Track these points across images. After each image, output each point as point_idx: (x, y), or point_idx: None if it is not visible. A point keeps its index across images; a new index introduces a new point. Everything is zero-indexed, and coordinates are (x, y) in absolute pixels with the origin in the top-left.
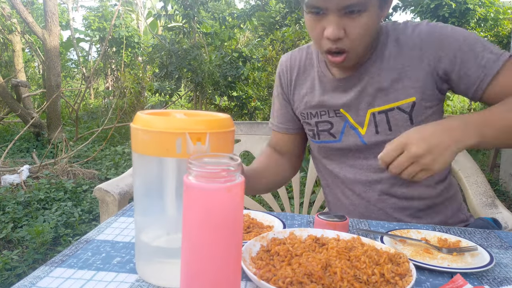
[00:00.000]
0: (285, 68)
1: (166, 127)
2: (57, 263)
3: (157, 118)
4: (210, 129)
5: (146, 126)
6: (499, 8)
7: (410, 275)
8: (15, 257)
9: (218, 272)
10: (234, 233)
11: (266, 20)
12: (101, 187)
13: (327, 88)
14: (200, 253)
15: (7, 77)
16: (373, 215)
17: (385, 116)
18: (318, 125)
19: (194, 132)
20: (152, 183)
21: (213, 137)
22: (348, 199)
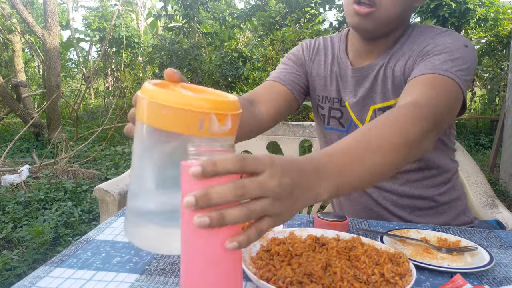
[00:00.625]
0: (311, 46)
1: (192, 105)
2: (57, 263)
3: (181, 95)
4: (231, 110)
5: (169, 102)
6: (499, 8)
7: (410, 275)
8: (15, 257)
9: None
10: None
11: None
12: (101, 187)
13: (343, 77)
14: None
15: (7, 77)
16: (375, 209)
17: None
18: (331, 111)
19: (218, 113)
20: (161, 156)
21: (233, 119)
22: (350, 194)
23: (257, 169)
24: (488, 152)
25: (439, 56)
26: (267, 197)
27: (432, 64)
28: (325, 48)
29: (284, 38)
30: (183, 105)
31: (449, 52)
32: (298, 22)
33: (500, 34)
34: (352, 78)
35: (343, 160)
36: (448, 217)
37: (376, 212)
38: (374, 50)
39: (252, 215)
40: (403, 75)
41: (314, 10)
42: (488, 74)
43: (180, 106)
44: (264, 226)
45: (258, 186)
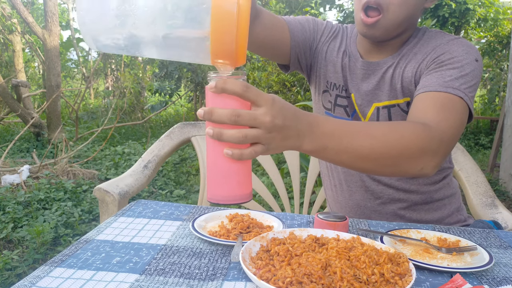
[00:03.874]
0: (332, 29)
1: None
2: (57, 263)
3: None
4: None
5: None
6: (499, 8)
7: (409, 274)
8: (15, 257)
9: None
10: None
11: None
12: (101, 187)
13: (352, 69)
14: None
15: (7, 77)
16: (368, 204)
17: (388, 112)
18: (337, 99)
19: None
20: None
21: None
22: (344, 190)
23: (257, 102)
24: (488, 152)
25: (452, 72)
26: (259, 128)
27: (443, 80)
28: (342, 36)
29: None
30: (240, 41)
31: (460, 67)
32: None
33: (500, 34)
34: (361, 70)
35: (339, 128)
36: (442, 213)
37: (370, 208)
38: (383, 50)
39: (246, 139)
40: (413, 77)
41: (314, 10)
42: (488, 74)
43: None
44: (257, 149)
45: (251, 117)
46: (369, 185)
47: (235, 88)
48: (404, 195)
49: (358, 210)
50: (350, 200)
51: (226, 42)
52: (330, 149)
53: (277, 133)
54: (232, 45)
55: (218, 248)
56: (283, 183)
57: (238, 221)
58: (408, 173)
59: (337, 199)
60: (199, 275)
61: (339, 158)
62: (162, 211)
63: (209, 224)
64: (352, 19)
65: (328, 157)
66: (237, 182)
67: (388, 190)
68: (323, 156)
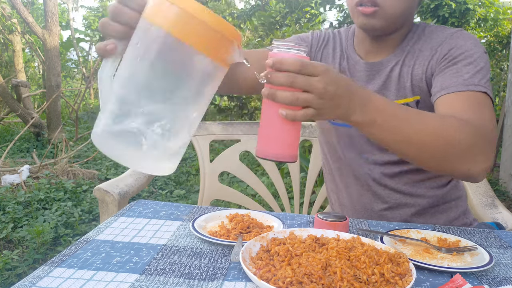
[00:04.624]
0: (320, 37)
1: (224, 29)
2: (57, 263)
3: (217, 18)
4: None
5: (209, 22)
6: (499, 8)
7: (410, 275)
8: (15, 257)
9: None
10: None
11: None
12: (101, 187)
13: (352, 72)
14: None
15: (7, 77)
16: (376, 208)
17: None
18: None
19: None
20: (172, 67)
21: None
22: (351, 193)
23: (313, 73)
24: None
25: (468, 68)
26: (312, 93)
27: (462, 78)
28: (334, 41)
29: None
30: (219, 27)
31: (474, 62)
32: (298, 22)
33: (500, 34)
34: (364, 72)
35: (392, 107)
36: (448, 217)
37: (377, 212)
38: (383, 47)
39: (297, 101)
40: (424, 74)
41: (314, 10)
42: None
43: (217, 28)
44: (309, 113)
45: (306, 82)
46: (376, 189)
47: (290, 67)
48: (411, 200)
49: (365, 214)
50: (357, 204)
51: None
52: (378, 125)
53: (328, 100)
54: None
55: (218, 248)
56: (283, 183)
57: (238, 221)
58: (454, 171)
59: (341, 202)
60: (199, 275)
61: (386, 136)
62: (162, 211)
63: (209, 224)
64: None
65: (375, 133)
66: (288, 142)
67: (395, 195)
68: (370, 131)
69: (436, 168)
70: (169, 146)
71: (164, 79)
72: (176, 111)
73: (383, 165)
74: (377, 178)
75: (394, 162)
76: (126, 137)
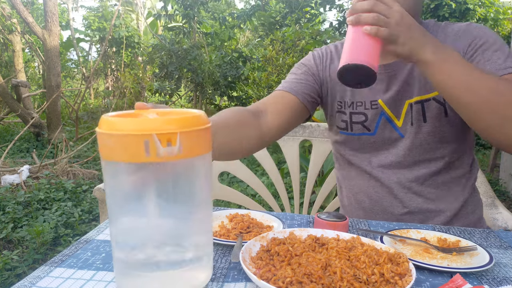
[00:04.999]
0: (322, 54)
1: (132, 129)
2: (57, 263)
3: (122, 119)
4: (181, 128)
5: (110, 130)
6: (499, 8)
7: (409, 274)
8: (15, 257)
9: None
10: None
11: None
12: (101, 187)
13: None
14: None
15: (7, 77)
16: (396, 212)
17: (421, 106)
18: (352, 116)
19: (163, 133)
20: (123, 191)
21: (184, 137)
22: (370, 197)
23: (391, 5)
24: (488, 152)
25: (497, 54)
26: (391, 18)
27: (497, 64)
28: (338, 54)
29: (284, 38)
30: (124, 130)
31: (500, 48)
32: (298, 22)
33: (500, 34)
34: (384, 74)
35: (458, 56)
36: (465, 222)
37: (396, 216)
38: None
39: (378, 22)
40: None
41: (314, 10)
42: None
43: (120, 132)
44: (385, 32)
45: (385, 8)
46: (397, 192)
47: (363, 7)
48: (433, 205)
49: (383, 216)
50: (375, 206)
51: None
52: (448, 64)
53: (405, 28)
54: None
55: (218, 248)
56: (283, 183)
57: (238, 221)
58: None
59: (361, 205)
60: None
61: (452, 77)
62: None
63: None
64: None
65: (444, 72)
66: (372, 54)
67: (417, 199)
68: (438, 69)
69: (493, 124)
70: (190, 257)
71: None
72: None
73: (406, 168)
74: (402, 181)
75: (419, 164)
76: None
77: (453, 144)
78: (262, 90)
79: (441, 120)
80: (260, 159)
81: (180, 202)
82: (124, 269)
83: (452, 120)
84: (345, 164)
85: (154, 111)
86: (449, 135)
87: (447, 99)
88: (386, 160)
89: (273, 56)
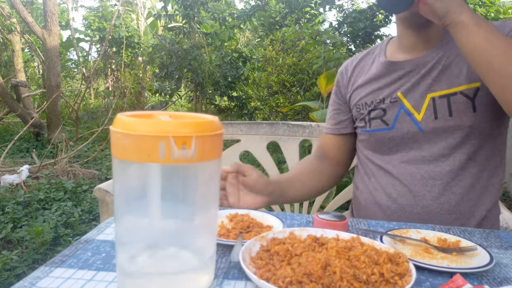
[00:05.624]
0: (344, 70)
1: (149, 130)
2: (57, 264)
3: (139, 120)
4: (196, 132)
5: (126, 129)
6: (499, 8)
7: (409, 274)
8: (14, 257)
9: None
10: None
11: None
12: (101, 187)
13: (389, 73)
14: None
15: (6, 77)
16: (415, 210)
17: (447, 100)
18: (371, 113)
19: (179, 136)
20: (134, 191)
21: (199, 141)
22: (391, 199)
23: None
24: None
25: None
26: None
27: None
28: (362, 59)
29: (284, 38)
30: (140, 131)
31: None
32: (298, 22)
33: None
34: (407, 68)
35: (488, 22)
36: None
37: (416, 214)
38: (428, 40)
39: None
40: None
41: (314, 10)
42: None
43: (136, 133)
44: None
45: None
46: (418, 189)
47: None
48: (464, 207)
49: (402, 215)
50: (393, 204)
51: None
52: (483, 28)
53: None
54: None
55: (218, 247)
56: None
57: (238, 220)
58: None
59: (378, 203)
60: None
61: (488, 40)
62: None
63: None
64: (352, 19)
65: (480, 35)
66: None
67: (440, 198)
68: (474, 32)
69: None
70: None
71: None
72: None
73: (430, 165)
74: (424, 177)
75: (442, 160)
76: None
77: (480, 142)
78: (262, 90)
79: (469, 114)
80: (260, 159)
81: (188, 205)
82: (127, 270)
83: (481, 116)
84: (367, 165)
85: (167, 114)
86: (477, 131)
87: (477, 65)
88: (409, 156)
89: (273, 56)
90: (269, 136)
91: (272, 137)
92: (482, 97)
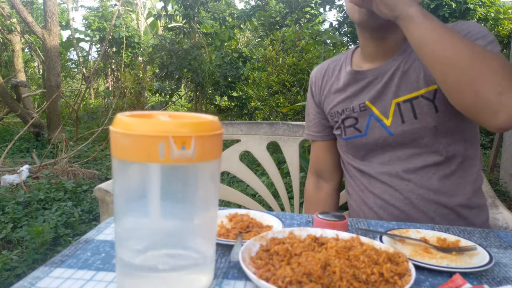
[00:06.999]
0: (315, 78)
1: (148, 130)
2: (57, 264)
3: (138, 120)
4: (196, 132)
5: (126, 129)
6: (499, 8)
7: (409, 274)
8: (14, 257)
9: None
10: None
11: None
12: (101, 187)
13: (355, 82)
14: None
15: (6, 77)
16: (413, 213)
17: (410, 104)
18: (344, 122)
19: (178, 136)
20: (134, 191)
21: (199, 141)
22: (377, 198)
23: None
24: (488, 152)
25: (478, 42)
26: None
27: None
28: (331, 67)
29: (284, 38)
30: (139, 131)
31: (483, 37)
32: (298, 22)
33: (500, 34)
34: (370, 78)
35: (433, 16)
36: (470, 225)
37: (399, 209)
38: (387, 49)
39: None
40: None
41: (314, 11)
42: None
43: (136, 133)
44: None
45: None
46: (403, 188)
47: None
48: (446, 199)
49: (387, 209)
50: (378, 200)
51: None
52: (429, 20)
53: None
54: None
55: (217, 247)
56: (283, 183)
57: (237, 220)
58: (483, 92)
59: (366, 203)
60: None
61: (435, 32)
62: None
63: None
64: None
65: (427, 27)
66: None
67: (418, 190)
68: (421, 24)
69: (463, 84)
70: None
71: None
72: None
73: (405, 163)
74: (400, 174)
75: (416, 158)
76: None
77: (448, 139)
78: (262, 90)
79: (432, 115)
80: (260, 159)
81: (187, 205)
82: (127, 269)
83: (443, 115)
84: (350, 169)
85: (167, 114)
86: (442, 129)
87: (424, 56)
88: (384, 158)
89: (273, 56)
90: (269, 136)
91: (272, 137)
92: (441, 98)
